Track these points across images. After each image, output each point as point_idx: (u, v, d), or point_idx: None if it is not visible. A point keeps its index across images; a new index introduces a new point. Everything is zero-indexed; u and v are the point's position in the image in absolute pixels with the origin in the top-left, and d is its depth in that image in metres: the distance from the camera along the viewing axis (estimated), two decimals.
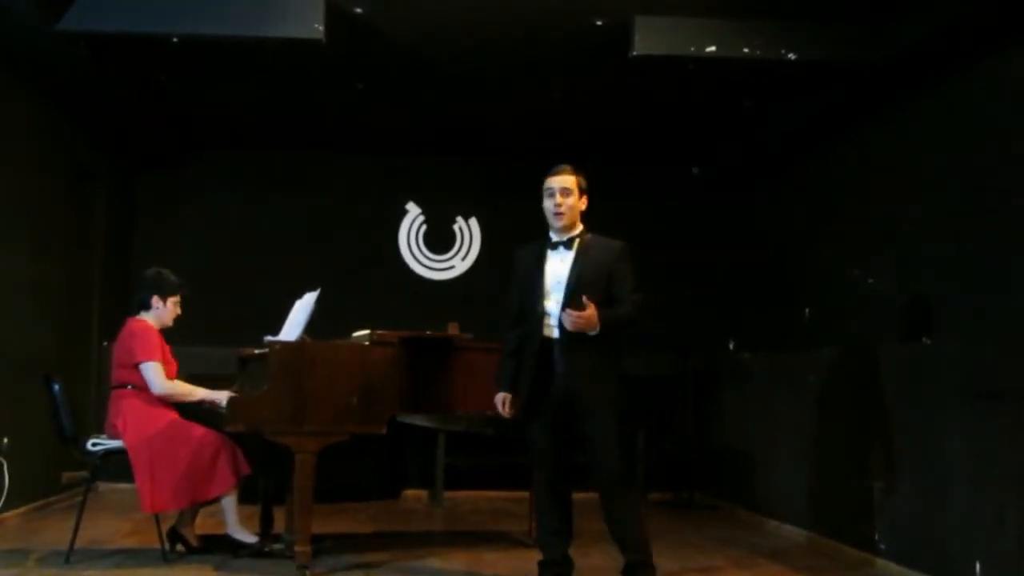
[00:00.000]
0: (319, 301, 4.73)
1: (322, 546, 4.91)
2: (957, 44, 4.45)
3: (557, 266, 4.05)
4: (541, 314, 4.02)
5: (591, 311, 3.83)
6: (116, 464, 4.71)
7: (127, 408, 4.65)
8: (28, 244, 5.92)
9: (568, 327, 3.88)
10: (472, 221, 7.98)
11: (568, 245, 4.06)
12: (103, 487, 6.89)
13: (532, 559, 4.27)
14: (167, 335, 4.89)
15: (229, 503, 4.72)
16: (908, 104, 5.11)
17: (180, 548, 4.81)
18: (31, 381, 5.25)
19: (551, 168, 4.11)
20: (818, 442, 5.71)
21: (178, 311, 4.94)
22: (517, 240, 4.42)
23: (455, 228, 7.97)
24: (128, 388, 4.68)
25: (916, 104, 5.04)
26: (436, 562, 4.87)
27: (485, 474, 7.35)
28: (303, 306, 4.81)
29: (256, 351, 4.88)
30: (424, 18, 5.08)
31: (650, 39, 5.02)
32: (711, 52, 5.05)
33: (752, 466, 6.70)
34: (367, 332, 4.68)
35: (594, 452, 3.96)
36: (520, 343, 4.10)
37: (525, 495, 5.62)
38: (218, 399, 4.66)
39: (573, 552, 4.17)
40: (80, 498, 4.81)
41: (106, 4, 4.90)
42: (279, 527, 5.20)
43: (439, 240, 7.95)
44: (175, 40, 5.03)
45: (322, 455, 4.40)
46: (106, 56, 5.39)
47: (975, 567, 4.14)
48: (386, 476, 7.36)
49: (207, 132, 7.35)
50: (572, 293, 3.94)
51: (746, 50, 5.07)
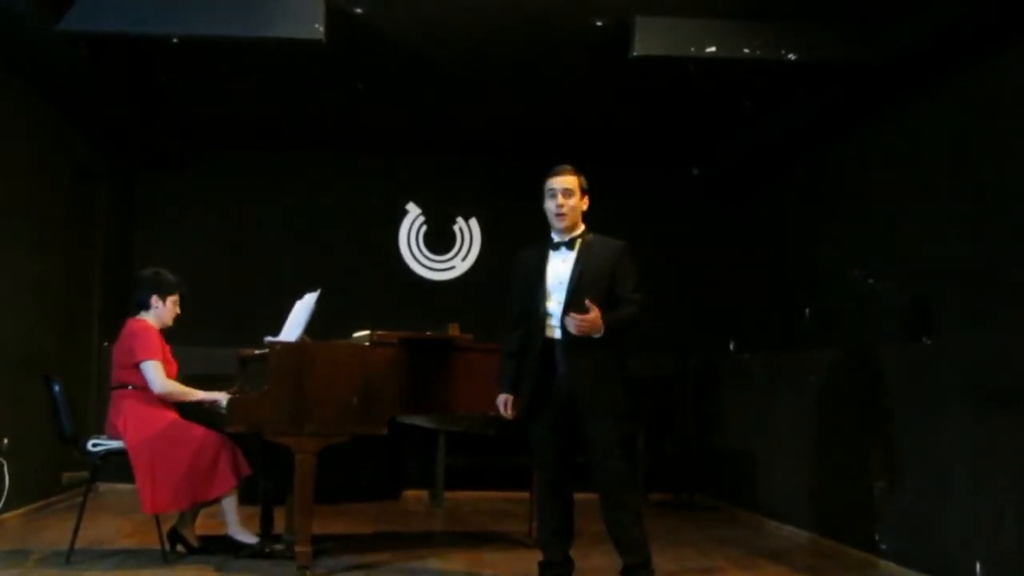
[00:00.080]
0: (319, 301, 4.73)
1: (322, 547, 4.90)
2: (957, 44, 4.45)
3: (559, 266, 4.03)
4: (543, 315, 4.01)
5: (595, 314, 3.81)
6: (116, 464, 4.71)
7: (128, 409, 4.65)
8: (28, 244, 5.91)
9: (572, 331, 3.86)
10: (472, 221, 7.97)
11: (570, 245, 4.04)
12: (103, 487, 6.88)
13: (532, 560, 4.27)
14: (167, 335, 4.90)
15: (230, 504, 4.72)
16: (908, 104, 5.11)
17: (180, 549, 4.81)
18: (31, 381, 5.25)
19: (552, 168, 4.09)
20: (818, 442, 5.70)
21: (178, 310, 4.94)
22: (517, 240, 4.42)
23: (455, 228, 7.97)
24: (128, 388, 4.68)
25: (916, 104, 5.04)
26: (436, 563, 4.87)
27: (485, 475, 7.35)
28: (303, 306, 4.82)
29: (256, 351, 4.88)
30: (424, 18, 5.08)
31: (650, 39, 5.02)
32: (711, 52, 5.04)
33: (752, 466, 6.70)
34: (367, 333, 4.69)
35: (595, 453, 3.95)
36: (522, 344, 4.09)
37: (525, 496, 5.62)
38: (218, 399, 4.67)
39: (573, 553, 4.17)
40: (80, 498, 4.81)
41: (106, 4, 4.89)
42: (279, 528, 5.20)
43: (439, 240, 7.94)
44: (175, 40, 5.02)
45: (322, 456, 4.40)
46: (106, 56, 5.39)
47: (975, 567, 4.14)
48: (386, 477, 7.36)
49: (207, 132, 7.35)
50: (574, 293, 3.94)
51: (746, 50, 5.06)
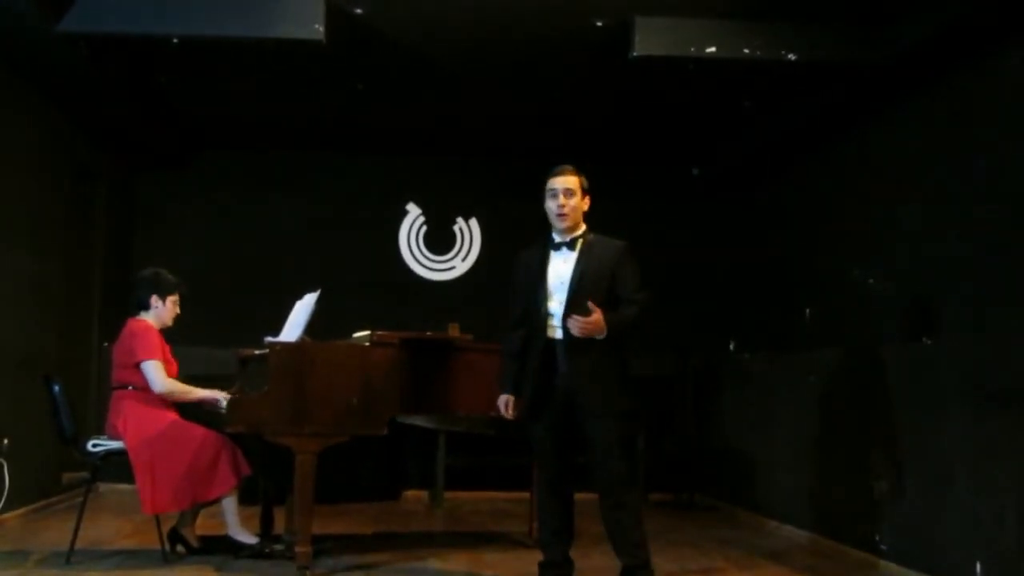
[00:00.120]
0: (319, 302, 4.73)
1: (322, 547, 4.90)
2: (957, 44, 4.45)
3: (560, 267, 4.03)
4: (544, 315, 4.00)
5: (597, 316, 3.80)
6: (116, 465, 4.70)
7: (128, 409, 4.65)
8: (28, 244, 5.91)
9: (576, 333, 3.85)
10: (472, 222, 7.97)
11: (571, 245, 4.03)
12: (103, 488, 6.88)
13: (532, 560, 4.27)
14: (167, 335, 4.90)
15: (230, 504, 4.72)
16: (908, 104, 5.11)
17: (180, 549, 4.81)
18: (31, 381, 5.25)
19: (553, 169, 4.08)
20: (818, 442, 5.70)
21: (177, 310, 4.94)
22: (517, 241, 4.42)
23: (455, 229, 7.97)
24: (129, 389, 4.68)
25: (916, 104, 5.04)
26: (436, 563, 4.87)
27: (485, 475, 7.35)
28: (303, 307, 4.82)
29: (256, 352, 4.88)
30: (424, 18, 5.08)
31: (650, 40, 5.02)
32: (711, 53, 5.04)
33: (752, 466, 6.70)
34: (367, 333, 4.68)
35: (595, 453, 3.94)
36: (523, 344, 4.09)
37: (525, 496, 5.62)
38: (217, 397, 4.67)
39: (574, 553, 4.17)
40: (80, 499, 4.81)
41: (106, 5, 4.89)
42: (279, 528, 5.20)
43: (439, 241, 7.94)
44: (175, 41, 5.02)
45: (322, 456, 4.40)
46: (106, 57, 5.39)
47: (975, 567, 4.14)
48: (386, 477, 7.36)
49: (207, 132, 7.35)
50: (575, 293, 3.93)
51: (746, 51, 5.06)
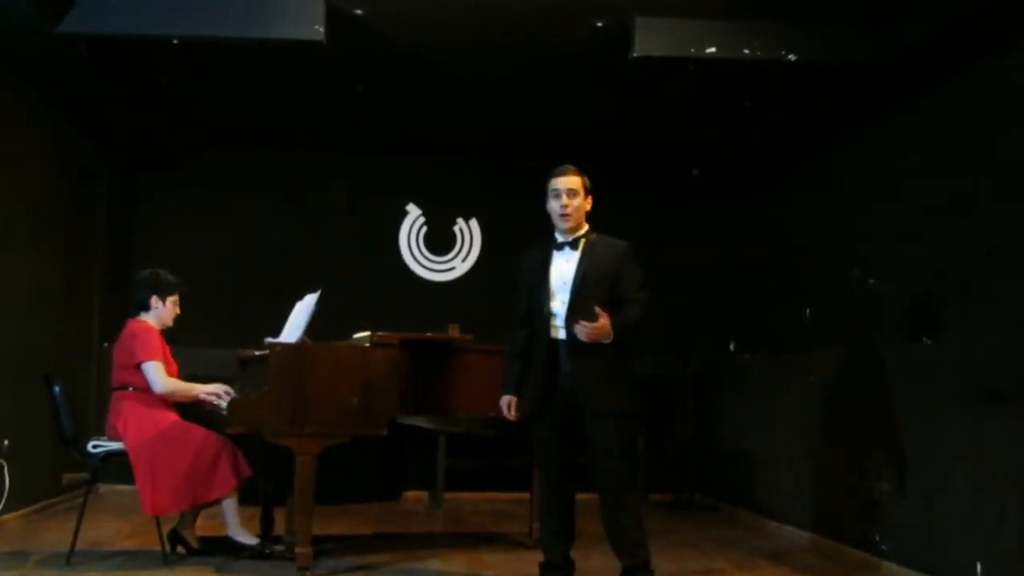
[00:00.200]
0: (319, 302, 4.73)
1: (323, 547, 4.91)
2: (957, 45, 4.45)
3: (563, 266, 4.02)
4: (548, 315, 3.99)
5: (604, 321, 3.79)
6: (117, 466, 4.70)
7: (128, 410, 4.65)
8: (28, 244, 5.91)
9: (582, 338, 3.83)
10: (472, 222, 7.97)
11: (574, 245, 4.03)
12: (104, 489, 6.88)
13: (533, 560, 4.27)
14: (167, 336, 4.90)
15: (230, 505, 4.72)
16: (908, 104, 5.11)
17: (181, 550, 4.81)
18: (31, 382, 5.24)
19: (555, 169, 4.07)
20: (819, 443, 5.70)
21: (178, 310, 4.94)
22: (518, 241, 4.41)
23: (455, 229, 7.97)
24: (129, 390, 4.68)
25: (916, 104, 5.04)
26: (437, 563, 4.87)
27: (485, 475, 7.35)
28: (304, 307, 4.82)
29: (256, 352, 4.88)
30: (424, 19, 5.08)
31: (650, 40, 5.01)
32: (711, 53, 5.04)
33: (752, 467, 6.69)
34: (367, 334, 4.69)
35: (596, 453, 3.94)
36: (526, 344, 4.09)
37: (526, 496, 5.62)
38: (218, 392, 4.69)
39: (574, 554, 4.17)
40: (81, 500, 4.81)
41: (106, 6, 4.88)
42: (280, 529, 5.20)
43: (440, 241, 7.94)
44: (175, 42, 5.02)
45: (322, 457, 4.41)
46: (106, 58, 5.39)
47: (976, 567, 4.14)
48: (386, 477, 7.36)
49: (207, 133, 7.34)
50: (578, 293, 3.93)
51: (746, 51, 5.06)
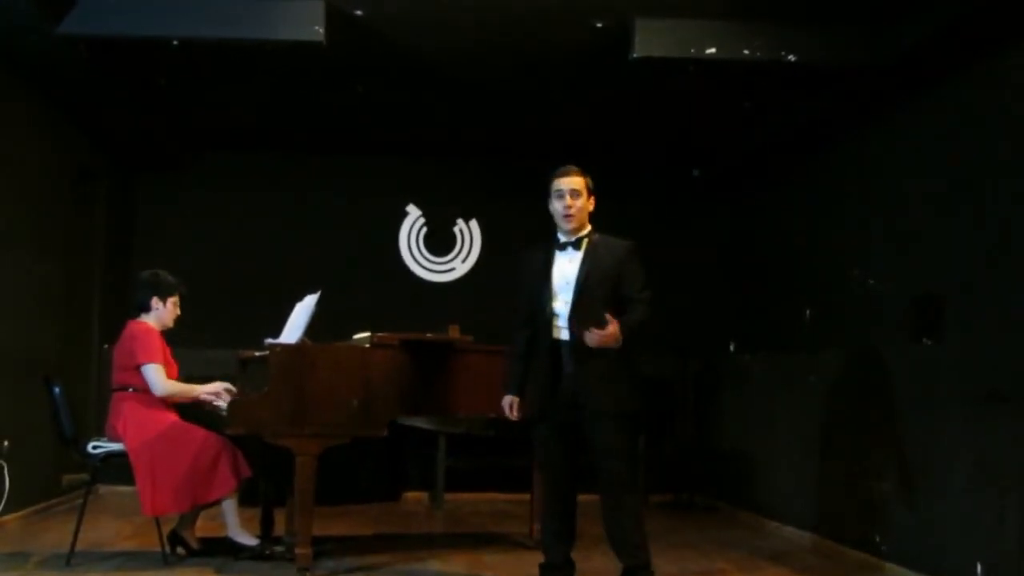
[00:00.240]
0: (319, 303, 4.73)
1: (323, 548, 4.90)
2: (957, 45, 4.45)
3: (565, 267, 4.02)
4: (550, 315, 3.99)
5: (614, 328, 3.78)
6: (116, 466, 4.70)
7: (128, 411, 4.65)
8: (28, 245, 5.91)
9: (591, 345, 3.82)
10: (472, 223, 7.97)
11: (576, 245, 4.03)
12: (103, 490, 6.88)
13: (533, 561, 4.27)
14: (167, 336, 4.90)
15: (230, 505, 4.72)
16: (908, 105, 5.11)
17: (181, 551, 4.81)
18: (31, 383, 5.25)
19: (558, 169, 4.07)
20: (819, 443, 5.70)
21: (178, 311, 4.94)
22: (518, 242, 4.42)
23: (455, 230, 7.97)
24: (129, 391, 4.69)
25: (916, 105, 5.04)
26: (437, 564, 4.87)
27: (485, 476, 7.35)
28: (303, 308, 4.82)
29: (256, 353, 4.88)
30: (424, 20, 5.08)
31: (650, 41, 5.01)
32: (711, 54, 5.03)
33: (752, 468, 6.69)
34: (367, 334, 4.69)
35: (597, 454, 3.94)
36: (529, 345, 4.09)
37: (526, 497, 5.62)
38: (218, 391, 4.69)
39: (575, 554, 4.16)
40: (80, 501, 4.81)
41: (106, 7, 4.87)
42: (280, 529, 5.20)
43: (440, 242, 7.94)
44: (175, 43, 5.02)
45: (322, 457, 4.41)
46: (106, 59, 5.39)
47: (976, 568, 4.14)
48: (386, 478, 7.35)
49: (207, 134, 7.34)
50: (581, 293, 3.93)
51: (746, 52, 5.05)
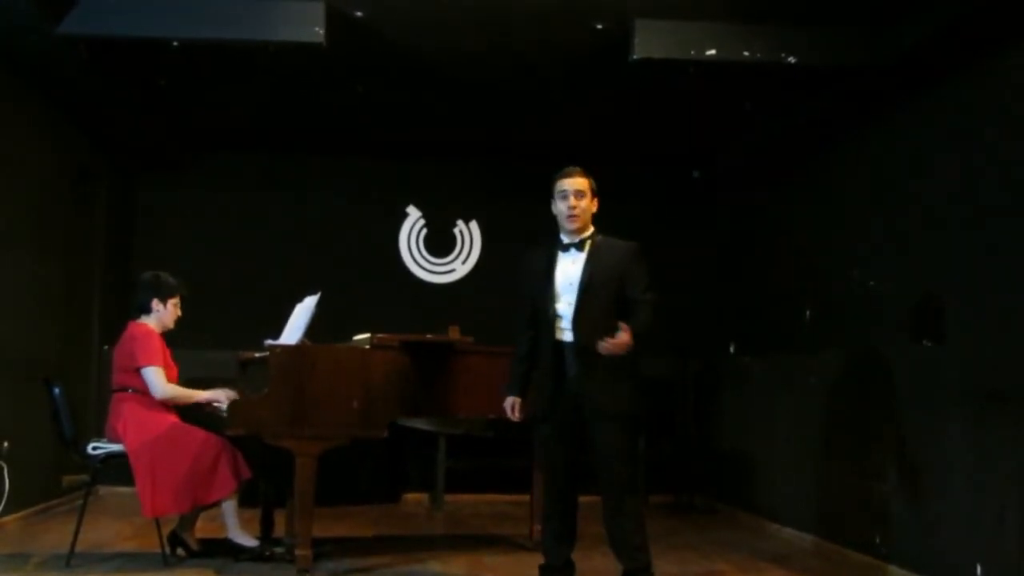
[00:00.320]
0: (320, 304, 4.73)
1: (323, 550, 4.90)
2: (957, 45, 4.45)
3: (568, 268, 4.01)
4: (553, 317, 3.99)
5: (626, 338, 3.74)
6: (116, 468, 4.70)
7: (128, 412, 4.65)
8: (28, 245, 5.91)
9: (604, 354, 3.80)
10: (473, 224, 7.97)
11: (579, 247, 4.02)
12: (103, 491, 6.87)
13: (533, 562, 4.26)
14: (167, 337, 4.89)
15: (230, 507, 4.72)
16: (908, 106, 5.11)
17: (181, 552, 4.81)
18: (31, 384, 5.24)
19: (562, 170, 4.06)
20: (819, 445, 5.70)
21: (178, 313, 4.94)
22: (518, 243, 4.42)
23: (456, 231, 7.97)
24: (129, 392, 4.68)
25: (916, 106, 5.04)
26: (437, 566, 4.87)
27: (486, 477, 7.35)
28: (304, 309, 4.82)
29: (256, 354, 4.88)
30: (424, 21, 5.08)
31: (650, 42, 5.01)
32: (711, 55, 5.03)
33: (753, 469, 6.69)
34: (368, 336, 4.69)
35: (598, 456, 3.94)
36: (532, 346, 4.09)
37: (526, 498, 5.62)
38: (218, 397, 4.68)
39: (575, 555, 4.16)
40: (80, 502, 4.81)
41: (106, 7, 4.87)
42: (280, 531, 5.20)
43: (440, 243, 7.94)
44: (175, 44, 5.02)
45: (322, 459, 4.41)
46: (106, 59, 5.39)
47: (976, 569, 4.14)
48: (387, 480, 7.35)
49: (207, 134, 7.35)
50: (584, 294, 3.93)
51: (746, 53, 5.06)
